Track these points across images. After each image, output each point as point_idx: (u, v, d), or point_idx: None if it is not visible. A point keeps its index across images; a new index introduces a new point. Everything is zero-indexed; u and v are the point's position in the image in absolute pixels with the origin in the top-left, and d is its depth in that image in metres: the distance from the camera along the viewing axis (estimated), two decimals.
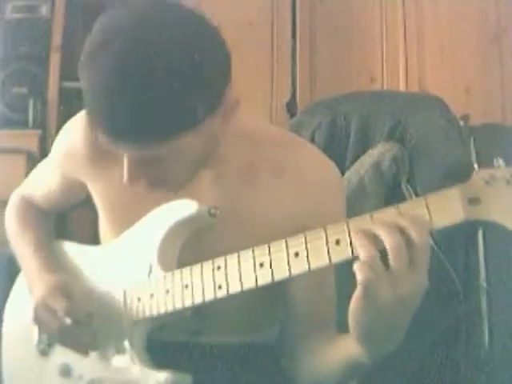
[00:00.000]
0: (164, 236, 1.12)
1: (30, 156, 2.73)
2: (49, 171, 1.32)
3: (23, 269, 1.30)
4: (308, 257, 0.93)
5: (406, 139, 1.61)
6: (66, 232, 1.93)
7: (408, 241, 0.85)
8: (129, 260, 1.16)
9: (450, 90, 2.68)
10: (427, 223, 0.86)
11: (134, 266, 1.14)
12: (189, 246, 1.12)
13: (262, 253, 0.98)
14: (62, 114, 2.82)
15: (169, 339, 1.17)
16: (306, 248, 0.94)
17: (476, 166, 1.52)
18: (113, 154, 1.01)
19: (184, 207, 1.11)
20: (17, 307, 1.34)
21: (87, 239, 1.32)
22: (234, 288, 1.01)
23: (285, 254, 0.96)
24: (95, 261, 1.24)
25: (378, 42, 2.93)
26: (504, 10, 2.80)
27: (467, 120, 1.90)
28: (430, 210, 0.86)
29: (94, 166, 1.19)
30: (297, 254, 0.95)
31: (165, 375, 1.07)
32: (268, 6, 3.00)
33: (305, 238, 0.94)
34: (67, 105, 2.82)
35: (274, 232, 1.01)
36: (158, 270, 1.11)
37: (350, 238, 0.90)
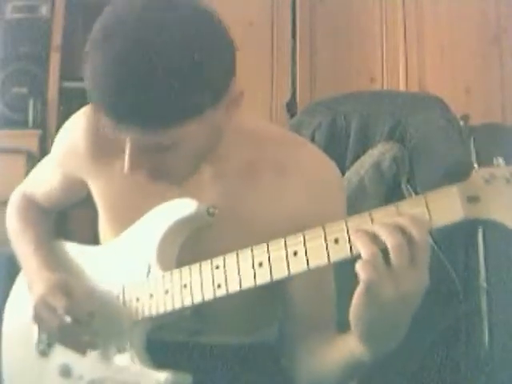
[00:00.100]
0: (163, 235, 1.12)
1: (29, 156, 2.73)
2: (49, 170, 1.32)
3: (23, 267, 1.30)
4: (307, 256, 0.93)
5: (406, 139, 1.61)
6: (66, 231, 1.92)
7: (409, 239, 0.85)
8: (128, 260, 1.16)
9: (450, 90, 2.68)
10: (427, 221, 0.86)
11: (133, 266, 1.14)
12: (188, 246, 1.12)
13: (260, 252, 0.98)
14: (62, 113, 2.81)
15: (169, 339, 1.16)
16: (305, 247, 0.93)
17: (476, 166, 1.52)
18: (114, 150, 1.01)
19: (183, 206, 1.11)
20: (17, 307, 1.34)
21: (87, 239, 1.32)
22: (233, 287, 1.01)
23: (283, 252, 0.95)
24: (95, 260, 1.24)
25: (378, 42, 2.93)
26: (504, 10, 2.80)
27: (467, 120, 1.90)
28: (429, 208, 0.86)
29: (94, 162, 1.19)
30: (295, 253, 0.94)
31: (165, 375, 1.07)
32: (268, 5, 3.00)
33: (303, 237, 0.94)
34: (67, 105, 2.81)
35: (274, 232, 1.00)
36: (157, 270, 1.11)
37: (348, 237, 0.89)
